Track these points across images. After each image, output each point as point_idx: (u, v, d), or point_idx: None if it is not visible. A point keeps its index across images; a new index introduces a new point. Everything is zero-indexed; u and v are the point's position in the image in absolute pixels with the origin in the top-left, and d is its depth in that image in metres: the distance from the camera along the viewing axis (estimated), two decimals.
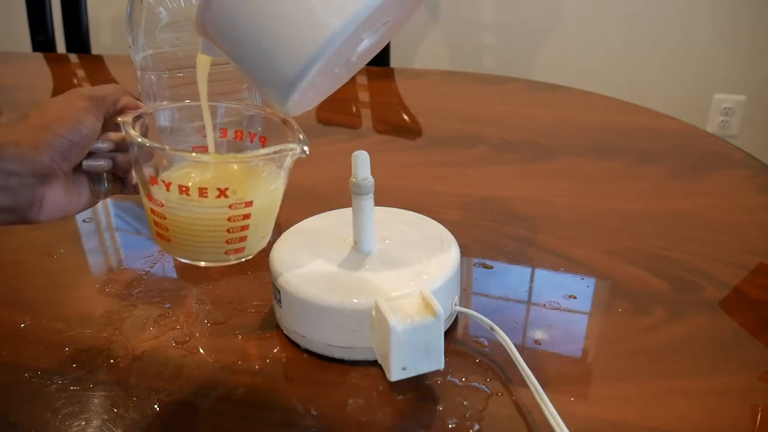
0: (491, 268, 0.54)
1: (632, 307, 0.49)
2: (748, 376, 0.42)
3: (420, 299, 0.39)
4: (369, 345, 0.42)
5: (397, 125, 0.92)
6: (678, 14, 1.83)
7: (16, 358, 0.45)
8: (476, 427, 0.38)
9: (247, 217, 0.41)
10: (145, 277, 0.54)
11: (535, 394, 0.39)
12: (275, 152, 0.40)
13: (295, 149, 0.40)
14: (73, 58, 1.30)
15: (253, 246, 0.44)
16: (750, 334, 0.46)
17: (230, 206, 0.41)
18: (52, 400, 0.41)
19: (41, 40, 1.43)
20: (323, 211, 0.53)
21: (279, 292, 0.44)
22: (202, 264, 0.47)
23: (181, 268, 0.56)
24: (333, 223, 0.50)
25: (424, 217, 0.52)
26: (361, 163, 0.44)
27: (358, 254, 0.46)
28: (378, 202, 0.46)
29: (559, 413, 0.37)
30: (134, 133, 0.41)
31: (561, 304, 0.50)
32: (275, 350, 0.45)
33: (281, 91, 0.38)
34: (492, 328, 0.44)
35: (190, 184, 0.40)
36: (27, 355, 0.45)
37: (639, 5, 1.84)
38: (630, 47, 1.89)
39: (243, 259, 0.45)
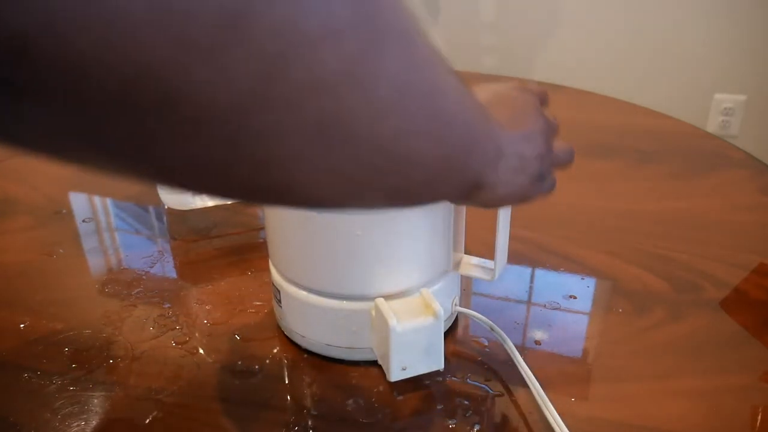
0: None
1: (632, 307, 0.49)
2: (748, 376, 0.42)
3: (420, 299, 0.39)
4: (369, 345, 0.42)
5: None
6: (678, 14, 1.83)
7: (16, 358, 0.45)
8: (476, 427, 0.38)
9: None
10: (144, 277, 0.54)
11: (535, 394, 0.39)
12: None
13: None
14: None
15: None
16: (750, 334, 0.46)
17: None
18: (52, 400, 0.41)
19: None
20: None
21: (279, 292, 0.44)
22: None
23: (181, 268, 0.56)
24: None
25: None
26: None
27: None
28: None
29: (559, 413, 0.37)
30: None
31: (561, 304, 0.50)
32: (275, 350, 0.45)
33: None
34: (492, 328, 0.44)
35: None
36: (27, 355, 0.45)
37: (639, 5, 1.84)
38: (630, 47, 1.89)
39: None
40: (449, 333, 0.46)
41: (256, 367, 0.44)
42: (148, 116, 0.16)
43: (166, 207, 0.63)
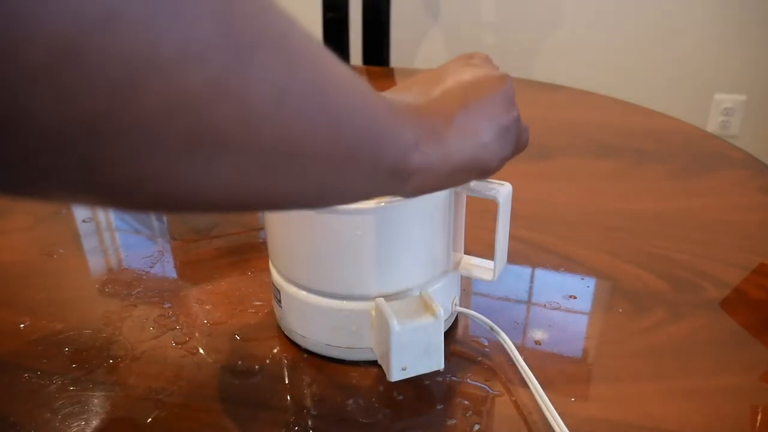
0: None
1: (632, 307, 0.49)
2: (748, 376, 0.42)
3: (420, 299, 0.39)
4: (369, 345, 0.42)
5: None
6: (678, 14, 1.83)
7: (16, 358, 0.45)
8: (476, 427, 0.38)
9: None
10: (145, 277, 0.54)
11: (535, 394, 0.39)
12: None
13: None
14: None
15: None
16: (750, 335, 0.46)
17: None
18: (52, 400, 0.41)
19: None
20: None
21: (279, 292, 0.44)
22: None
23: (181, 268, 0.56)
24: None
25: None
26: None
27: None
28: None
29: (559, 413, 0.37)
30: None
31: (561, 304, 0.50)
32: (275, 350, 0.45)
33: None
34: (492, 328, 0.44)
35: None
36: (27, 355, 0.45)
37: (639, 5, 1.84)
38: (630, 47, 1.89)
39: None
40: (449, 333, 0.46)
41: (256, 367, 0.44)
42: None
43: None
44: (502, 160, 0.35)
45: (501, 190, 0.41)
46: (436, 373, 0.41)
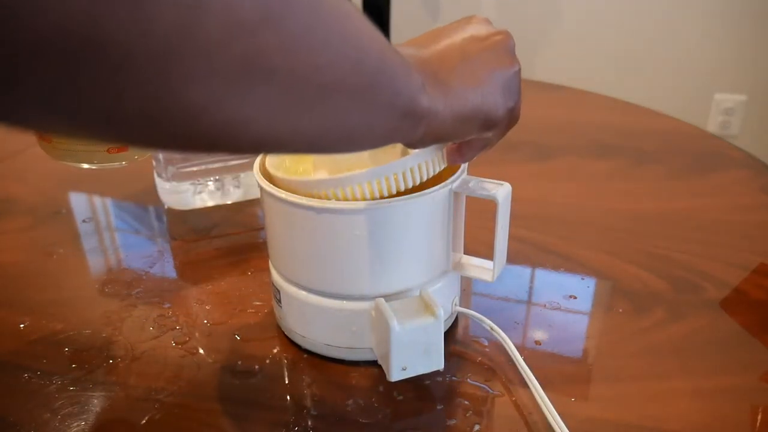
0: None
1: (632, 307, 0.49)
2: (748, 376, 0.42)
3: (420, 299, 0.39)
4: (369, 345, 0.42)
5: None
6: (678, 14, 1.83)
7: (16, 358, 0.45)
8: (476, 427, 0.38)
9: None
10: (144, 277, 0.54)
11: (535, 394, 0.39)
12: None
13: None
14: None
15: None
16: (750, 335, 0.46)
17: None
18: (51, 400, 0.41)
19: None
20: None
21: (279, 292, 0.44)
22: (85, 166, 0.47)
23: (181, 268, 0.56)
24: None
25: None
26: None
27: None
28: None
29: (559, 413, 0.37)
30: None
31: (561, 304, 0.50)
32: (275, 350, 0.45)
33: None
34: (492, 328, 0.44)
35: None
36: (27, 355, 0.45)
37: (639, 5, 1.84)
38: (630, 47, 1.89)
39: (125, 162, 0.45)
40: (449, 333, 0.46)
41: (256, 367, 0.44)
42: (76, 62, 0.17)
43: (166, 207, 0.63)
44: (507, 110, 0.36)
45: (500, 190, 0.41)
46: (436, 373, 0.41)
